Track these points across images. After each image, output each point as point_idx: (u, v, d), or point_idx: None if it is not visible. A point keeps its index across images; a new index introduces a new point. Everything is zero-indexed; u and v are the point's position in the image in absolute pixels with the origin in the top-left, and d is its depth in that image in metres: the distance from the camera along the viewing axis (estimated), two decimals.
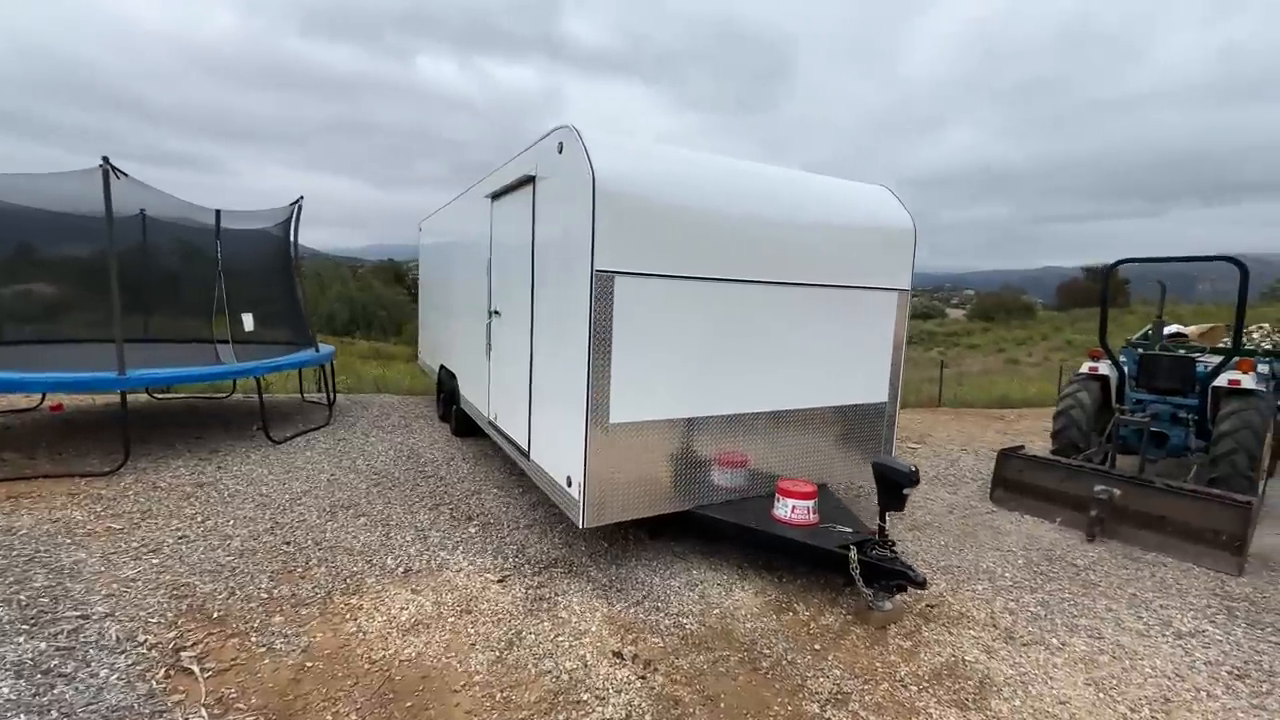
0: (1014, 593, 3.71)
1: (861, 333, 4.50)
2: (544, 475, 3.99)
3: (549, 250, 3.90)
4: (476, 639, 2.96)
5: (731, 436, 3.95)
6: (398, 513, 4.56)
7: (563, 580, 3.62)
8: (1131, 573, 4.08)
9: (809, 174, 4.49)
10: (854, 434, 4.57)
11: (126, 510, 4.34)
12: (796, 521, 3.70)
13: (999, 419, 9.98)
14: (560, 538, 4.22)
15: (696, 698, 2.62)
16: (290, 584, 3.41)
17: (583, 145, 3.33)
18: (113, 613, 3.02)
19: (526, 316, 4.22)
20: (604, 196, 3.25)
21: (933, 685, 2.78)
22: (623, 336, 3.40)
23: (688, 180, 3.74)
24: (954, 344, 34.13)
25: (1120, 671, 2.96)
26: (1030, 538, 4.63)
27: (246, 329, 6.93)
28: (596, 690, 2.63)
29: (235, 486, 4.95)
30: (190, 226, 7.45)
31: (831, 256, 4.24)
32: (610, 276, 3.32)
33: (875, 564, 3.30)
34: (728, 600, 3.46)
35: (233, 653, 2.77)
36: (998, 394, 12.52)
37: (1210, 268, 5.48)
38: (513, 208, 4.54)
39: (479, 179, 5.65)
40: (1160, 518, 4.45)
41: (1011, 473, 5.37)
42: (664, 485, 3.73)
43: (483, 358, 5.36)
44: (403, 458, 6.00)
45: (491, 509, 4.73)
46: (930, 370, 13.49)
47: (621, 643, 2.99)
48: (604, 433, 3.43)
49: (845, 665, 2.91)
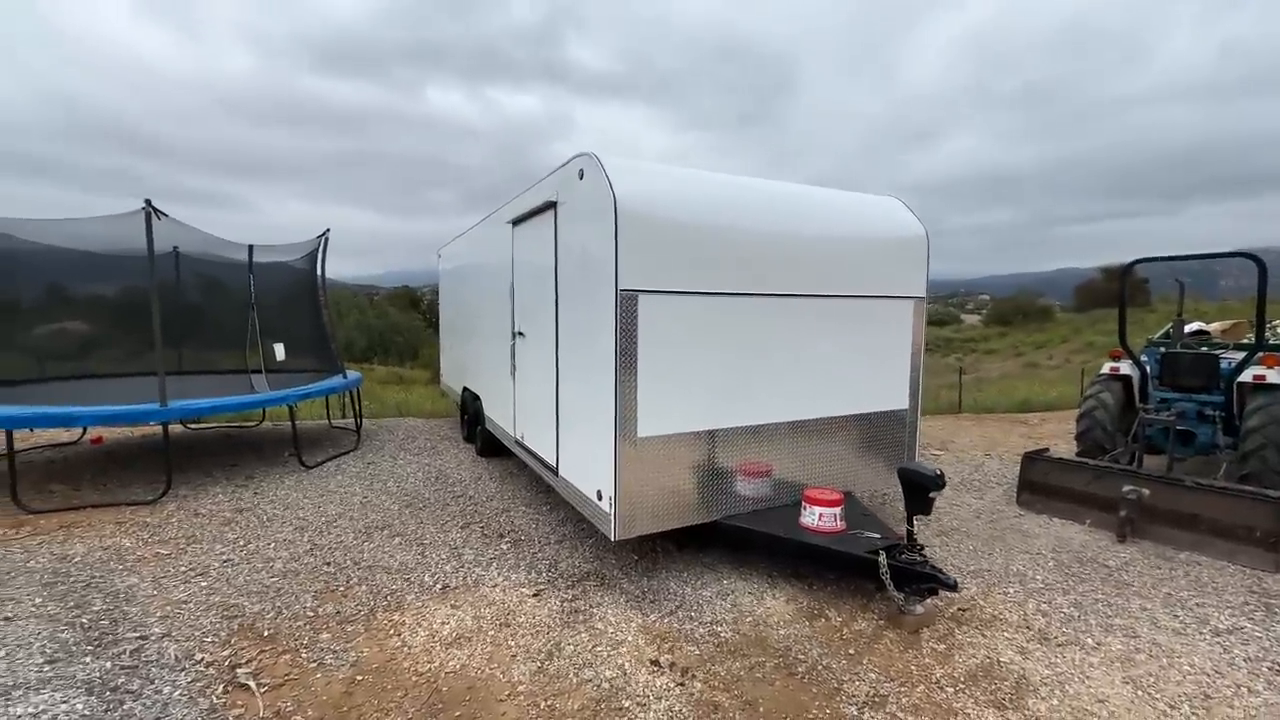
0: (1046, 594, 3.72)
1: (879, 341, 4.57)
2: (574, 490, 4.09)
3: (572, 272, 4.04)
4: (517, 650, 3.05)
5: (755, 447, 4.03)
6: (431, 532, 4.67)
7: (596, 593, 3.69)
8: (1165, 572, 4.05)
9: (820, 189, 4.61)
10: (876, 441, 4.62)
11: (172, 536, 4.51)
12: (824, 529, 3.75)
13: (1021, 423, 9.90)
14: (591, 551, 4.30)
15: (735, 703, 2.67)
16: (334, 602, 3.53)
17: (604, 171, 3.48)
18: (169, 633, 3.15)
19: (551, 337, 4.35)
20: (626, 219, 3.39)
21: (969, 686, 2.81)
22: (648, 352, 3.51)
23: (704, 199, 3.88)
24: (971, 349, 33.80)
25: (1158, 669, 2.95)
26: (1060, 540, 4.61)
27: (278, 358, 7.16)
28: (637, 697, 2.69)
29: (273, 511, 5.11)
30: (221, 262, 7.75)
31: (846, 267, 4.34)
32: (634, 295, 3.45)
33: (905, 568, 3.34)
34: (759, 608, 3.51)
35: (285, 668, 2.88)
36: (1019, 398, 12.41)
37: (1231, 264, 5.47)
38: (535, 232, 4.70)
39: (498, 206, 5.84)
40: (1192, 516, 4.41)
41: (1037, 476, 5.36)
42: (692, 497, 3.81)
43: (507, 378, 5.50)
44: (431, 479, 6.13)
45: (521, 526, 4.82)
46: (948, 377, 13.41)
47: (658, 651, 3.05)
48: (633, 446, 3.52)
49: (880, 669, 2.94)
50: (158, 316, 5.35)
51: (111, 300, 7.86)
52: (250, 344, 7.42)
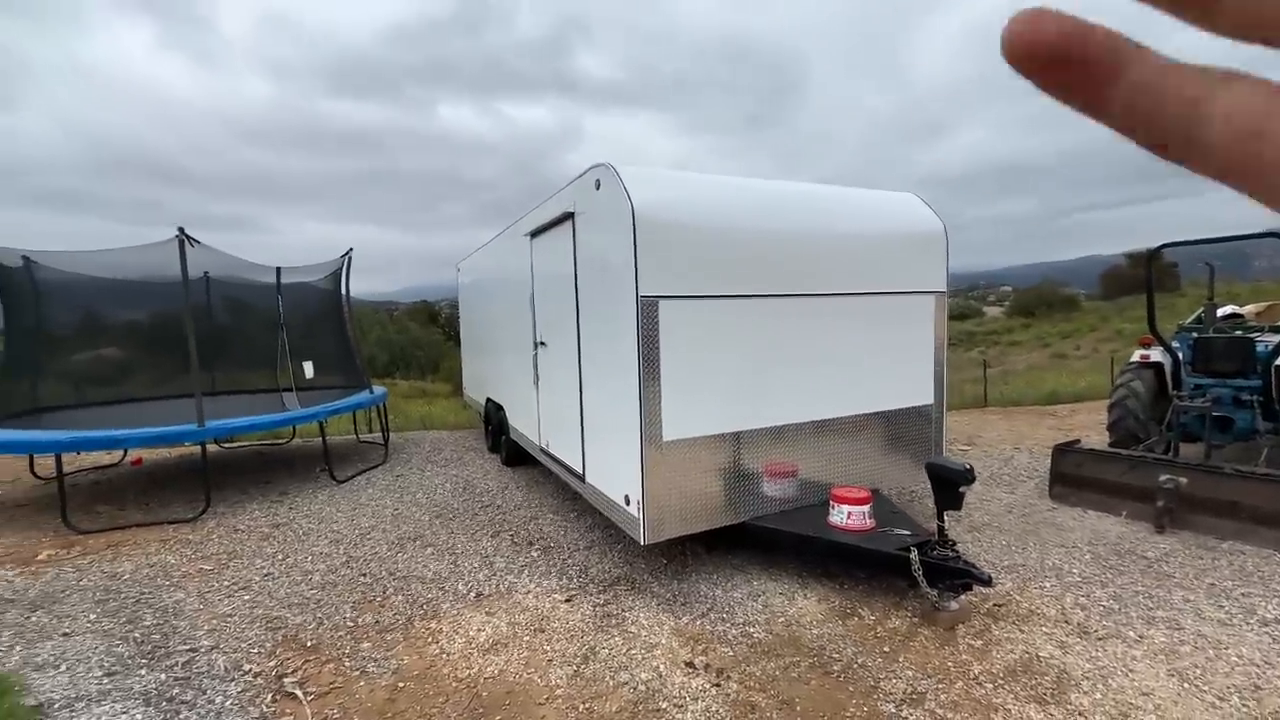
0: (1084, 588, 3.66)
1: (902, 337, 4.55)
2: (601, 496, 4.13)
3: (592, 281, 4.10)
4: (553, 655, 3.09)
5: (781, 447, 4.04)
6: (462, 541, 4.75)
7: (627, 597, 3.72)
8: (1208, 562, 3.96)
9: (836, 187, 4.63)
10: (902, 438, 4.59)
11: (214, 552, 4.65)
12: (853, 527, 3.74)
13: (1050, 415, 9.72)
14: (620, 557, 4.34)
15: (772, 702, 2.68)
16: (372, 612, 3.61)
17: (620, 181, 3.54)
18: (217, 645, 3.26)
19: (573, 345, 4.41)
20: (644, 226, 3.44)
21: (1009, 682, 2.78)
22: (670, 357, 3.55)
23: (719, 204, 3.91)
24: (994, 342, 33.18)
25: (1204, 661, 2.89)
26: (1095, 532, 4.53)
27: (308, 376, 7.35)
28: (674, 699, 2.71)
29: (308, 525, 5.23)
30: (250, 284, 7.98)
31: (866, 265, 4.34)
32: (654, 301, 3.49)
33: (938, 564, 3.32)
34: (791, 608, 3.51)
35: (330, 677, 2.96)
36: (1046, 390, 12.17)
37: (1265, 245, 5.35)
38: (553, 243, 4.78)
39: (516, 219, 5.94)
40: (1233, 504, 4.31)
41: (1070, 468, 5.27)
42: (718, 499, 3.83)
43: (530, 388, 5.57)
44: (459, 489, 6.23)
45: (550, 533, 4.88)
46: (973, 371, 13.20)
47: (692, 653, 3.07)
48: (658, 450, 3.56)
49: (917, 666, 2.92)
50: (193, 340, 5.53)
51: (146, 326, 8.13)
52: (280, 363, 7.62)
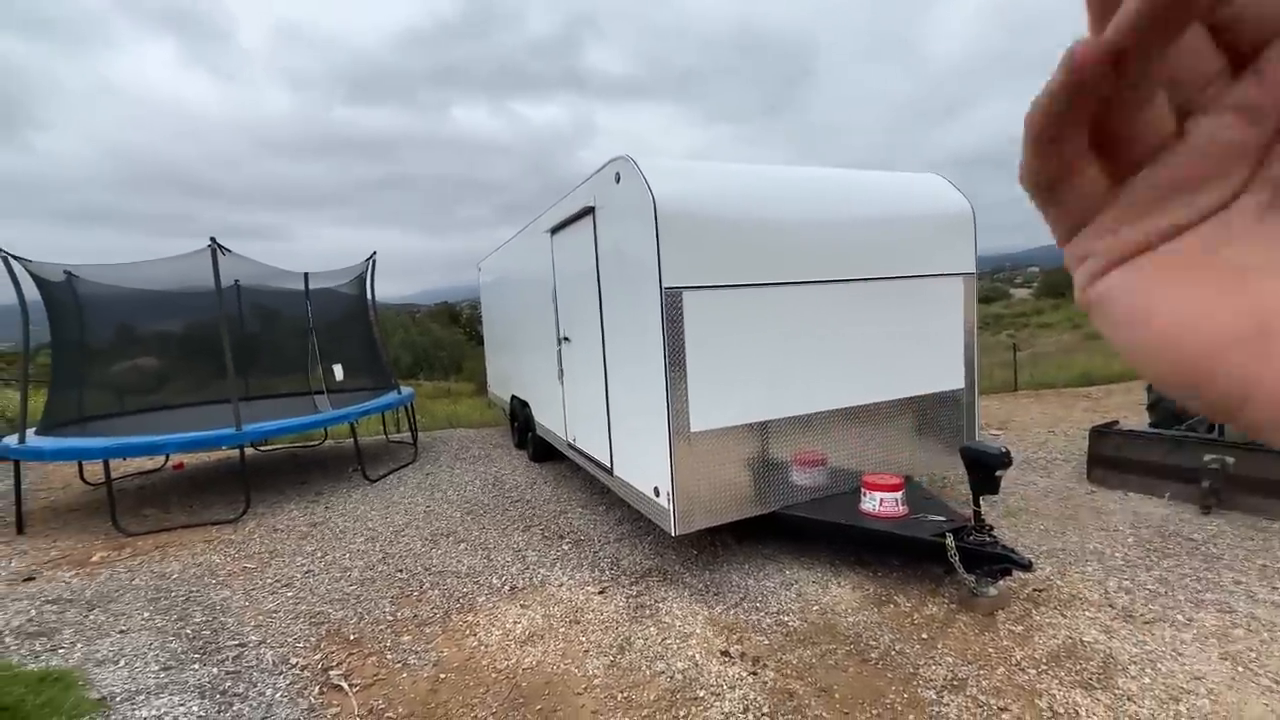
0: (1128, 571, 3.57)
1: (930, 321, 4.47)
2: (630, 489, 4.15)
3: (614, 274, 4.11)
4: (589, 646, 3.13)
5: (810, 435, 4.01)
6: (493, 536, 4.82)
7: (660, 588, 3.74)
8: (1258, 543, 3.83)
9: (859, 171, 4.56)
10: (933, 423, 4.52)
11: (256, 551, 4.79)
12: (886, 514, 3.70)
13: (1085, 397, 9.47)
14: (650, 548, 4.36)
15: (810, 690, 2.68)
16: (410, 607, 3.69)
17: (640, 173, 3.54)
18: (264, 640, 3.36)
19: (597, 339, 4.43)
20: (665, 218, 3.43)
21: (1052, 667, 2.73)
22: (695, 347, 3.54)
23: (741, 192, 3.89)
24: (1023, 324, 32.43)
25: (1259, 644, 2.80)
26: (1138, 515, 4.42)
27: (338, 378, 7.51)
28: (711, 687, 2.73)
29: (344, 524, 5.36)
30: (279, 291, 8.17)
31: (892, 248, 4.27)
32: (678, 292, 3.49)
33: (975, 550, 3.26)
34: (825, 596, 3.49)
35: (373, 669, 3.03)
36: (1078, 372, 11.84)
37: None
38: (574, 238, 4.80)
39: (535, 216, 5.98)
40: None
41: (1109, 450, 5.13)
42: (748, 489, 3.82)
43: (555, 383, 5.61)
44: (489, 486, 6.31)
45: (579, 526, 4.92)
46: (1002, 354, 12.91)
47: (727, 642, 3.08)
48: (686, 442, 3.56)
49: (956, 652, 2.89)
50: (228, 346, 5.69)
51: (181, 334, 8.39)
52: (311, 366, 7.79)
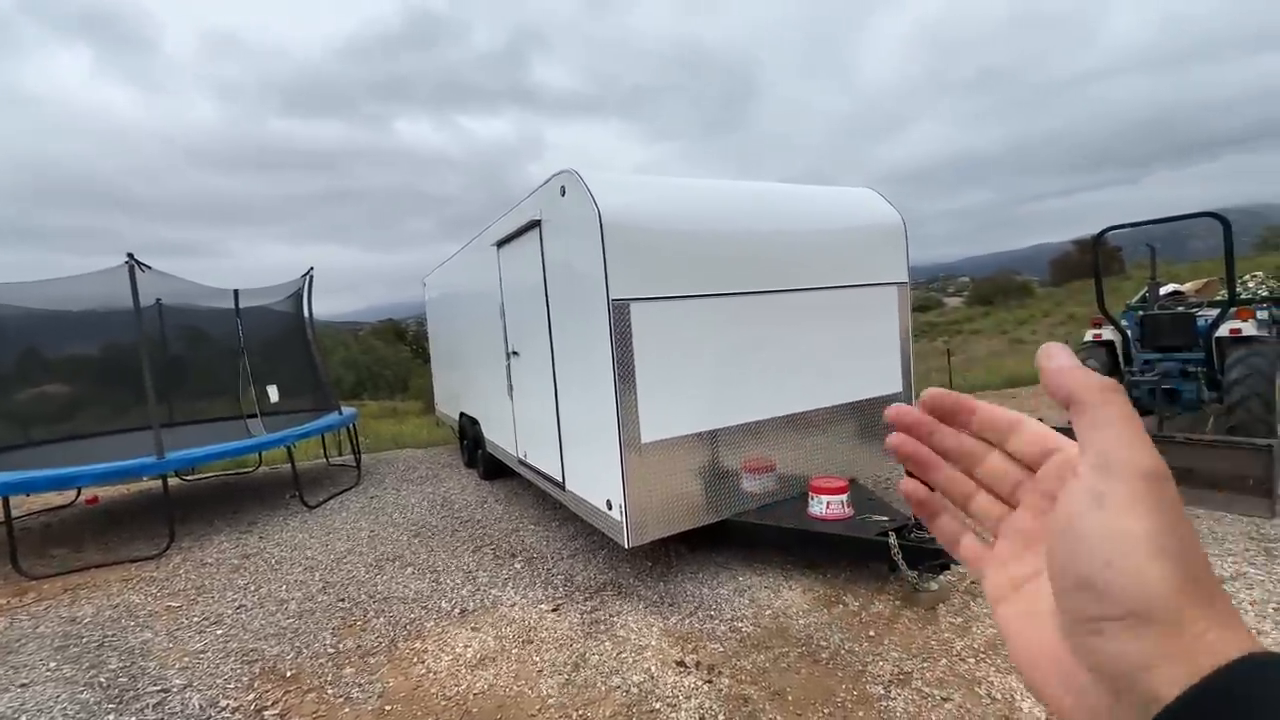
0: None
1: (869, 329, 4.66)
2: (583, 503, 4.11)
3: (562, 287, 4.10)
4: (543, 665, 3.06)
5: (758, 443, 4.08)
6: (442, 559, 4.67)
7: (614, 602, 3.71)
8: None
9: (797, 185, 4.73)
10: (875, 427, 4.69)
11: (181, 588, 4.46)
12: (832, 516, 3.80)
13: (1011, 398, 10.05)
14: (604, 562, 4.32)
15: (764, 694, 2.71)
16: (353, 637, 3.52)
17: (585, 186, 3.56)
18: (190, 684, 3.13)
19: (546, 353, 4.39)
20: (611, 230, 3.46)
21: (990, 655, 2.86)
22: (644, 359, 3.56)
23: (685, 205, 3.96)
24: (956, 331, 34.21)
25: None
26: None
27: (272, 401, 7.13)
28: (667, 699, 2.71)
29: (280, 553, 5.07)
30: (207, 310, 7.73)
31: (830, 260, 4.44)
32: (626, 304, 3.51)
33: (916, 546, 3.39)
34: (777, 601, 3.55)
35: (313, 706, 2.87)
36: (1006, 375, 12.60)
37: (1199, 224, 5.65)
38: (520, 252, 4.76)
39: (481, 230, 5.90)
40: (1186, 470, 4.52)
41: None
42: (699, 498, 3.85)
43: (505, 399, 5.52)
44: (437, 506, 6.12)
45: (532, 544, 4.83)
46: (937, 360, 13.59)
47: (683, 652, 3.08)
48: (638, 453, 3.56)
49: (902, 647, 2.99)
50: (148, 370, 5.32)
51: (96, 358, 7.79)
52: (242, 389, 7.38)
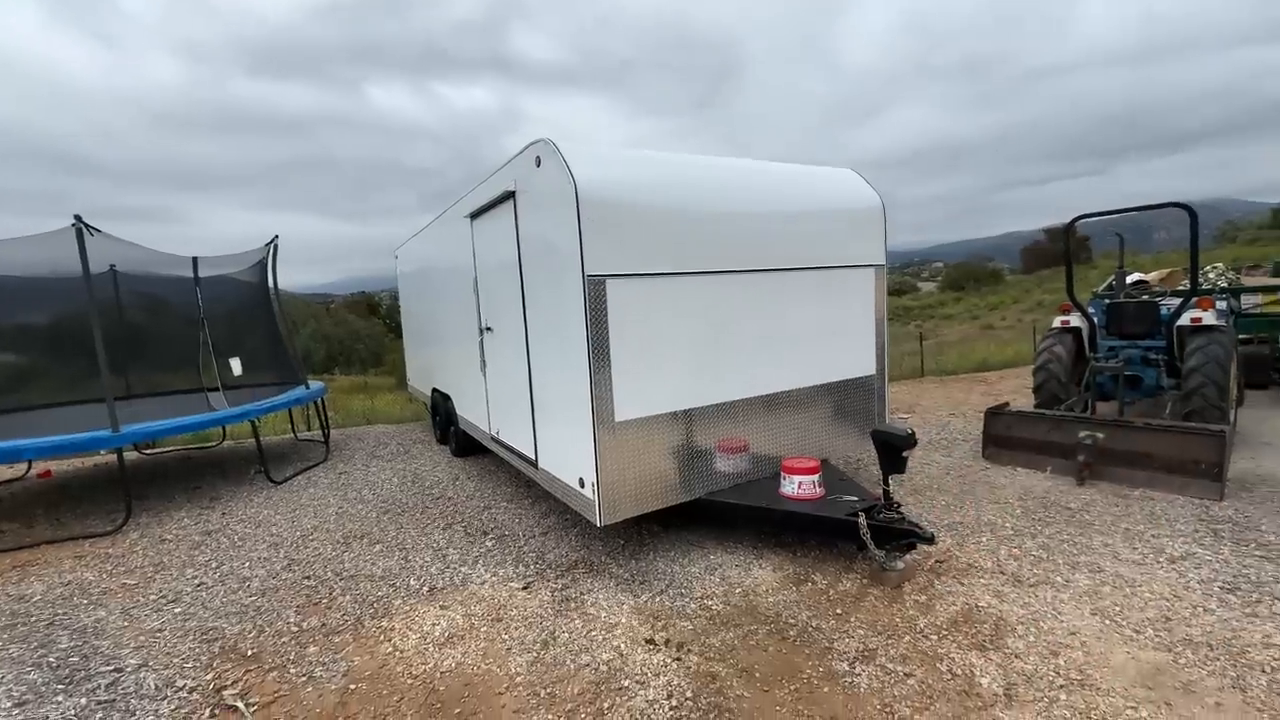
0: (1016, 540, 3.89)
1: (844, 310, 4.66)
2: (555, 481, 4.07)
3: (537, 261, 3.99)
4: (512, 644, 3.04)
5: (732, 422, 4.08)
6: (412, 536, 4.60)
7: (586, 580, 3.70)
8: (1122, 509, 4.29)
9: (778, 164, 4.65)
10: (847, 408, 4.73)
11: (138, 565, 4.32)
12: (804, 496, 3.84)
13: (982, 382, 10.28)
14: (577, 540, 4.30)
15: (732, 671, 2.73)
16: (318, 615, 3.45)
17: (561, 157, 3.44)
18: (146, 663, 3.04)
19: (520, 329, 4.30)
20: (587, 204, 3.36)
21: (952, 632, 2.93)
22: (619, 336, 3.50)
23: (664, 181, 3.87)
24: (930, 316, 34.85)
25: (1122, 599, 3.13)
26: (1025, 488, 4.83)
27: (235, 373, 6.90)
28: (636, 676, 2.72)
29: (244, 530, 4.94)
30: (165, 278, 7.40)
31: (808, 240, 4.41)
32: (601, 280, 3.43)
33: (884, 526, 3.44)
34: (747, 579, 3.58)
35: (274, 685, 2.81)
36: (977, 359, 12.87)
37: (1164, 217, 5.77)
38: (495, 224, 4.63)
39: (455, 200, 5.72)
40: (1145, 455, 4.67)
41: (1000, 429, 5.58)
42: (673, 477, 3.84)
43: (478, 375, 5.42)
44: (408, 483, 6.02)
45: (504, 521, 4.79)
46: (911, 343, 13.81)
47: (653, 630, 3.09)
48: (611, 432, 3.52)
49: (868, 625, 3.04)
50: (100, 339, 5.08)
51: (46, 326, 7.42)
52: (203, 361, 7.11)
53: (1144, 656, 2.67)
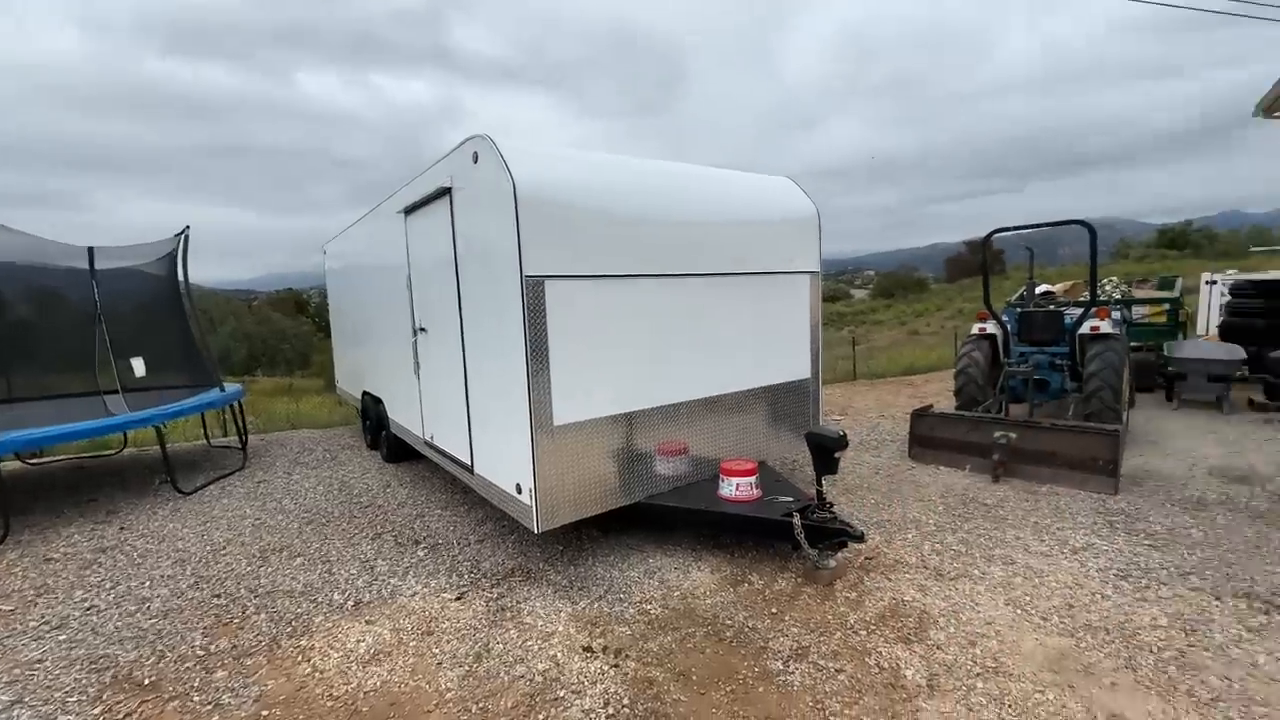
0: (938, 535, 4.09)
1: (781, 315, 4.78)
2: (492, 487, 3.95)
3: (474, 261, 3.87)
4: (443, 658, 2.91)
5: (672, 426, 4.09)
6: (337, 547, 4.35)
7: (523, 588, 3.61)
8: (1032, 504, 4.60)
9: (718, 170, 4.72)
10: (784, 410, 4.85)
11: (16, 589, 3.88)
12: (741, 498, 3.89)
13: (909, 385, 10.81)
14: (514, 547, 4.19)
15: (669, 675, 2.72)
16: (228, 636, 3.19)
17: (499, 154, 3.35)
18: (21, 699, 2.71)
19: (456, 330, 4.16)
20: (526, 203, 3.28)
21: (879, 627, 3.04)
22: (559, 339, 3.44)
23: (606, 182, 3.84)
24: (861, 321, 36.43)
25: (1031, 589, 3.35)
26: (946, 486, 5.10)
27: (138, 375, 6.32)
28: (572, 685, 2.66)
29: (145, 546, 4.53)
30: (53, 269, 6.70)
31: (747, 245, 4.49)
32: (540, 282, 3.36)
33: (817, 526, 3.54)
34: (686, 582, 3.59)
35: (174, 716, 2.57)
36: (905, 363, 13.54)
37: (1068, 233, 6.24)
38: (430, 221, 4.46)
39: (388, 195, 5.48)
40: (1050, 453, 5.03)
41: (924, 430, 5.88)
42: (613, 480, 3.81)
43: (412, 377, 5.21)
44: (334, 491, 5.70)
45: (438, 530, 4.61)
46: (844, 348, 14.36)
47: (590, 637, 3.04)
48: (549, 436, 3.45)
49: (801, 623, 3.11)
50: None
51: None
52: (100, 361, 6.49)
53: (1050, 642, 2.86)
